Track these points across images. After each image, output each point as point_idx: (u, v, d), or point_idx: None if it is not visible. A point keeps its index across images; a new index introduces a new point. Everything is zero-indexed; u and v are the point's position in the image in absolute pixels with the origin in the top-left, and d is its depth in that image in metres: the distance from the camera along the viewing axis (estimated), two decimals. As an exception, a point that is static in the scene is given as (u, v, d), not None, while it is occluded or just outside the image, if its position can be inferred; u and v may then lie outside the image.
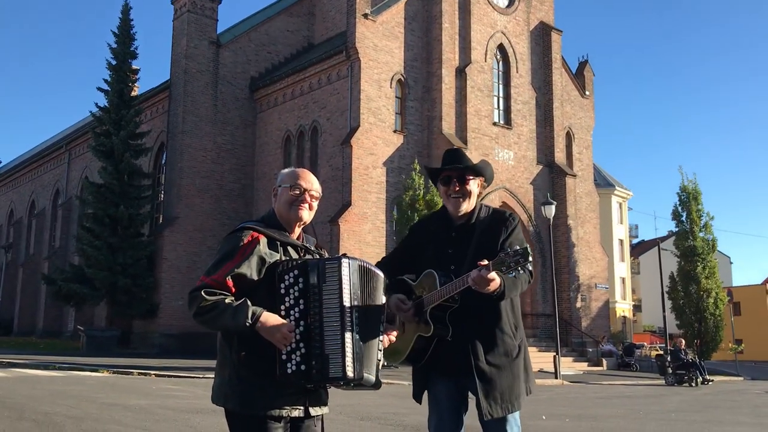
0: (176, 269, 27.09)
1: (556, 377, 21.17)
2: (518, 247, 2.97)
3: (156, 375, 16.82)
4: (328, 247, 25.38)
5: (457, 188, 3.45)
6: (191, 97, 28.29)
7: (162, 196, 29.95)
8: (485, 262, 2.99)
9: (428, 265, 3.43)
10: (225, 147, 28.94)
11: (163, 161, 30.24)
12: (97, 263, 26.00)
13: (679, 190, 31.76)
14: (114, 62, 28.45)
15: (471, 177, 3.48)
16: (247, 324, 2.68)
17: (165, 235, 27.37)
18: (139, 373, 17.02)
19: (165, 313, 26.53)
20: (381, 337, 2.99)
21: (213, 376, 2.96)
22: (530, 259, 2.96)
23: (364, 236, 24.39)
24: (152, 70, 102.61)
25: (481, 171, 3.51)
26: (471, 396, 3.35)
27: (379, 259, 3.75)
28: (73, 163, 38.00)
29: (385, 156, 25.49)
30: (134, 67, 29.42)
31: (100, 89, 28.52)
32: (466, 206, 3.46)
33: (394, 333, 3.18)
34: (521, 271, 3.00)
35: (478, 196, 3.54)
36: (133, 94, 29.76)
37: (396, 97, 26.32)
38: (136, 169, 27.96)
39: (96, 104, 28.73)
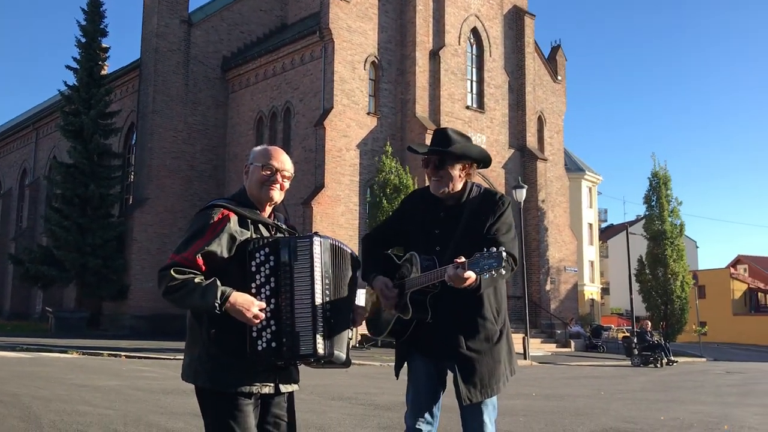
0: (146, 251, 26.86)
1: (525, 358, 21.49)
2: (494, 250, 2.91)
3: (126, 356, 16.75)
4: (301, 229, 25.64)
5: (434, 172, 3.39)
6: (162, 77, 27.90)
7: (132, 176, 29.60)
8: (462, 259, 2.95)
9: (415, 244, 3.40)
10: (196, 127, 28.64)
11: (134, 141, 29.85)
12: (66, 244, 25.67)
13: (651, 175, 32.26)
14: (83, 40, 27.92)
15: (451, 161, 3.37)
16: (216, 304, 2.66)
17: (135, 216, 27.09)
18: (109, 354, 16.93)
19: (135, 294, 26.33)
20: (352, 315, 3.01)
21: (183, 356, 2.96)
22: (504, 264, 2.90)
23: (337, 218, 24.41)
24: (123, 48, 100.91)
25: (461, 154, 3.39)
26: (450, 375, 3.35)
27: (369, 231, 3.73)
28: (41, 142, 37.33)
29: (358, 138, 25.47)
30: (104, 45, 28.90)
31: (69, 67, 28.01)
32: (445, 189, 3.37)
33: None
34: (495, 275, 2.94)
35: (468, 176, 3.44)
36: (103, 72, 29.26)
37: (370, 79, 26.25)
38: (106, 149, 27.57)
39: (65, 83, 28.28)
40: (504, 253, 2.92)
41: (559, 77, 33.72)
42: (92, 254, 25.62)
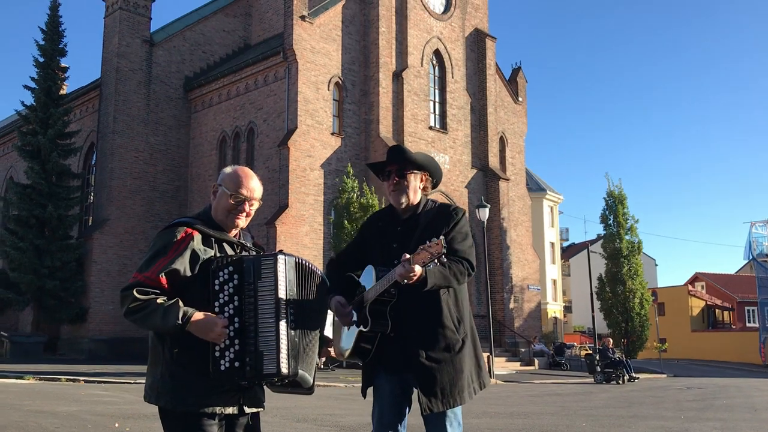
0: (106, 273, 26.37)
1: (490, 377, 21.58)
2: (435, 239, 2.97)
3: (85, 381, 16.36)
4: (264, 249, 25.49)
5: (396, 181, 3.47)
6: (123, 97, 27.61)
7: (92, 197, 29.10)
8: (407, 256, 3.01)
9: (376, 260, 3.44)
10: (158, 147, 28.35)
11: (93, 161, 29.40)
12: (21, 266, 25.06)
13: (606, 195, 32.84)
14: (42, 59, 27.50)
15: (410, 171, 3.48)
16: (178, 324, 2.63)
17: (95, 237, 26.61)
18: (67, 379, 16.51)
19: (94, 317, 25.79)
20: (319, 336, 2.99)
21: (144, 381, 2.90)
22: (444, 251, 2.95)
23: (302, 238, 24.32)
24: (83, 68, 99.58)
25: (421, 164, 3.51)
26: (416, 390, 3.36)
27: (332, 256, 3.78)
28: (-3, 162, 36.50)
29: (322, 158, 25.48)
30: (63, 65, 28.52)
31: (26, 87, 27.52)
32: (405, 199, 3.46)
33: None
34: (437, 263, 3.00)
35: (424, 190, 3.54)
36: (62, 92, 28.84)
37: (334, 99, 26.36)
38: (65, 170, 27.09)
39: (22, 102, 27.74)
40: (443, 241, 2.96)
41: (520, 98, 34.27)
42: (50, 276, 25.05)
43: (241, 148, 27.02)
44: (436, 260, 2.98)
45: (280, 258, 2.80)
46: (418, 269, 3.01)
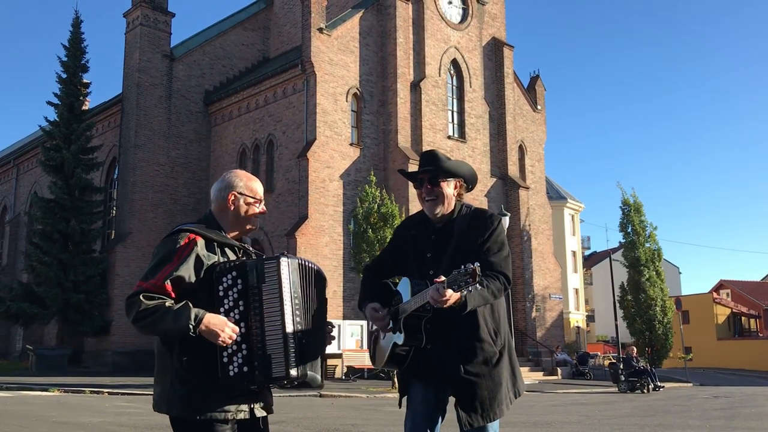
0: (129, 285, 26.55)
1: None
2: (470, 265, 2.87)
3: (109, 393, 16.47)
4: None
5: (429, 190, 3.37)
6: (144, 111, 27.95)
7: (114, 211, 29.43)
8: (441, 279, 2.93)
9: (409, 269, 3.38)
10: (179, 161, 28.63)
11: (116, 176, 29.75)
12: (47, 280, 25.37)
13: (621, 203, 32.55)
14: (64, 76, 27.96)
15: (444, 179, 3.37)
16: (191, 326, 2.64)
17: (117, 250, 26.88)
18: (91, 391, 16.65)
19: (118, 330, 26.00)
20: (325, 336, 2.97)
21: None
22: (478, 278, 2.87)
23: (321, 249, 24.37)
24: (104, 83, 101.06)
25: (454, 171, 3.40)
26: (451, 401, 3.30)
27: (367, 262, 3.74)
28: (22, 178, 37.08)
29: (341, 169, 25.57)
30: (85, 80, 28.94)
31: (50, 103, 27.99)
32: (440, 209, 3.36)
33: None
34: (470, 290, 2.91)
35: (459, 196, 3.44)
36: (85, 108, 29.27)
37: (352, 110, 26.48)
38: (88, 184, 27.44)
39: (45, 118, 28.21)
40: (478, 268, 2.87)
41: (539, 106, 34.17)
42: (74, 290, 25.33)
43: (261, 161, 27.21)
44: (470, 287, 2.89)
45: (283, 260, 2.81)
46: (452, 294, 2.93)
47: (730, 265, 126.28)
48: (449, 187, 3.38)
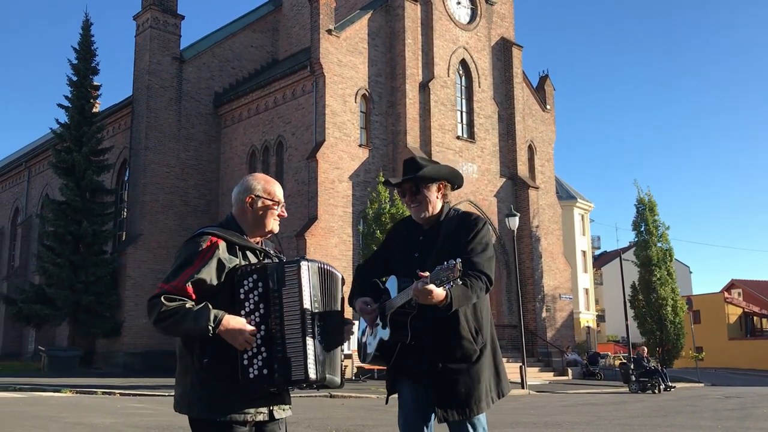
0: (140, 287, 26.75)
1: (523, 387, 21.36)
2: (452, 261, 2.95)
3: (121, 394, 16.56)
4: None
5: (413, 198, 3.50)
6: (154, 113, 28.09)
7: (125, 212, 29.59)
8: (426, 274, 3.01)
9: (398, 268, 3.49)
10: (189, 163, 28.76)
11: (126, 178, 29.92)
12: (58, 282, 25.55)
13: (636, 202, 32.46)
14: (75, 78, 28.14)
15: (425, 186, 3.48)
16: (210, 327, 2.67)
17: (128, 252, 27.03)
18: (103, 392, 16.74)
19: (129, 331, 26.15)
20: (344, 338, 3.03)
21: (175, 387, 2.94)
22: (459, 273, 2.95)
23: (331, 250, 24.41)
24: (114, 86, 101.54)
25: (434, 176, 3.50)
26: None
27: (360, 262, 3.83)
28: (33, 180, 37.33)
29: (350, 170, 25.61)
30: (96, 83, 29.12)
31: (60, 105, 28.17)
32: (425, 213, 3.49)
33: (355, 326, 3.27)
34: (452, 285, 3.00)
35: (444, 197, 3.54)
36: (95, 110, 29.44)
37: (361, 111, 26.51)
38: (99, 186, 27.61)
39: (56, 120, 28.38)
40: (460, 264, 2.94)
41: (548, 106, 34.10)
42: (85, 291, 25.49)
43: (271, 162, 27.29)
44: (451, 282, 2.98)
45: (303, 264, 2.85)
46: (437, 290, 3.01)
47: (741, 264, 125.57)
48: (431, 192, 3.50)
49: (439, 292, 3.02)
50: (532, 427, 10.99)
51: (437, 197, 3.52)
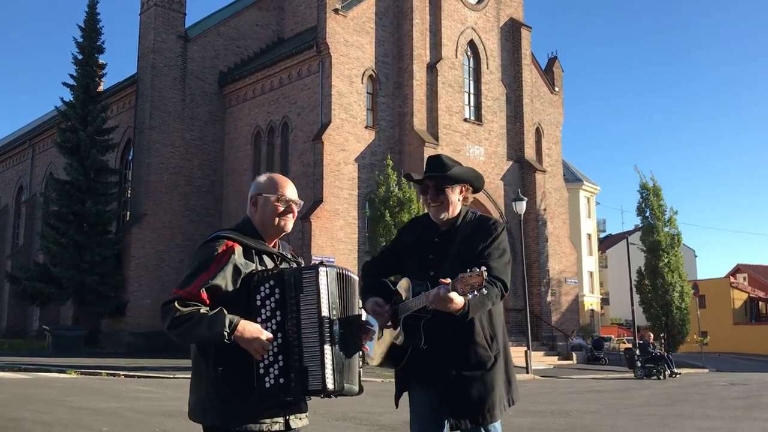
0: (144, 267, 26.72)
1: (528, 372, 21.34)
2: (477, 269, 2.87)
3: (125, 376, 16.55)
4: (299, 244, 25.05)
5: (435, 198, 3.39)
6: (159, 93, 27.86)
7: (129, 192, 29.48)
8: (447, 281, 2.91)
9: (410, 270, 3.40)
10: (193, 143, 28.57)
11: (130, 157, 29.77)
12: (62, 261, 25.50)
13: (640, 187, 32.16)
14: (80, 57, 27.87)
15: (449, 185, 3.39)
16: (225, 333, 2.59)
17: (133, 232, 26.95)
18: (107, 373, 16.73)
19: (133, 311, 26.16)
20: (361, 345, 2.94)
21: (183, 376, 2.87)
22: (485, 282, 2.86)
23: (336, 233, 24.30)
24: (119, 64, 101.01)
25: (460, 178, 3.42)
26: None
27: (369, 259, 3.72)
28: (37, 158, 37.21)
29: (356, 152, 25.41)
30: (101, 61, 28.86)
31: (65, 84, 27.92)
32: (445, 215, 3.39)
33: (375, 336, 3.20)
34: (476, 294, 2.90)
35: (465, 200, 3.46)
36: (100, 89, 29.20)
37: (367, 92, 26.24)
38: (103, 166, 27.46)
39: (61, 99, 28.15)
40: (485, 273, 2.87)
41: (557, 88, 33.76)
42: (89, 271, 25.45)
43: (276, 143, 27.09)
44: (476, 291, 2.88)
45: (322, 270, 2.73)
46: (456, 298, 2.92)
47: (747, 248, 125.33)
48: (454, 194, 3.41)
49: (458, 301, 2.93)
50: (539, 416, 10.92)
51: (458, 199, 3.43)
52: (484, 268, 2.87)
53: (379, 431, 8.61)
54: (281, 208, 2.91)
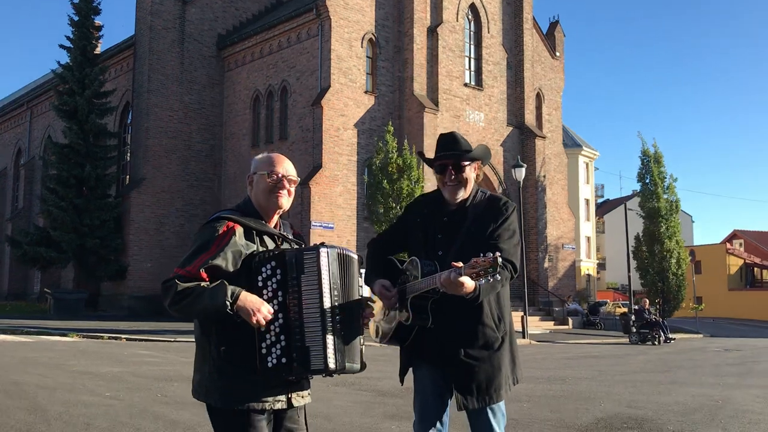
0: (144, 231, 26.81)
1: (524, 337, 21.56)
2: (490, 254, 2.85)
3: (126, 339, 16.74)
4: (298, 210, 25.03)
5: (453, 177, 3.35)
6: (157, 55, 27.59)
7: (129, 156, 29.41)
8: (459, 264, 2.90)
9: (418, 248, 3.39)
10: (192, 106, 28.41)
11: (129, 121, 29.62)
12: (63, 225, 25.57)
13: (641, 154, 32.10)
14: (76, 18, 27.56)
15: (467, 163, 3.36)
16: (228, 302, 2.62)
17: (132, 196, 26.96)
18: (109, 337, 16.92)
19: (134, 275, 26.32)
20: (362, 325, 2.96)
21: (184, 340, 2.93)
22: (499, 268, 2.84)
23: (335, 198, 24.32)
24: (116, 27, 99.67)
25: (478, 156, 3.40)
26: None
27: (375, 236, 3.71)
28: (35, 121, 37.03)
29: (356, 117, 25.29)
30: (97, 23, 28.54)
31: (62, 46, 27.66)
32: (463, 193, 3.37)
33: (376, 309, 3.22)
34: (490, 279, 2.89)
35: (476, 179, 3.44)
36: (97, 51, 28.91)
37: (367, 57, 26.01)
38: (102, 129, 27.35)
39: (58, 62, 27.91)
40: (500, 259, 2.85)
41: (558, 53, 33.46)
42: (90, 235, 25.55)
43: (275, 107, 26.94)
44: (490, 277, 2.86)
45: (323, 251, 2.77)
46: (468, 282, 2.91)
47: (744, 213, 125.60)
48: (471, 172, 3.38)
49: (470, 285, 2.93)
50: (535, 382, 11.08)
51: (474, 178, 3.41)
52: (498, 254, 2.86)
53: (377, 398, 8.75)
54: (273, 184, 2.90)
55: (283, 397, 2.81)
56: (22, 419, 6.61)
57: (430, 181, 21.05)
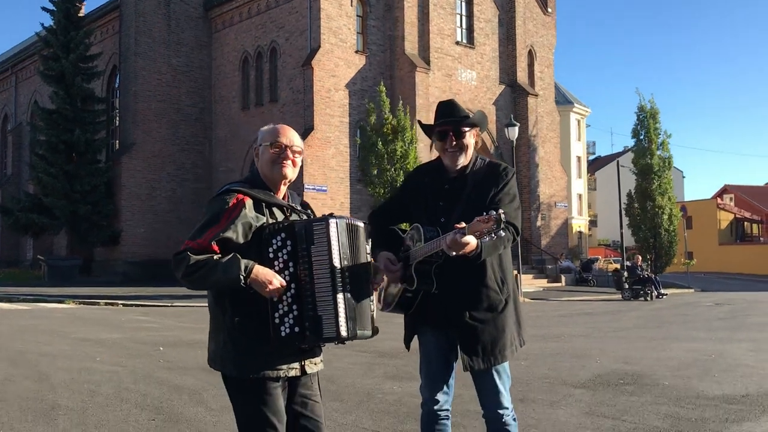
0: (136, 196, 26.69)
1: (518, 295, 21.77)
2: (493, 212, 2.89)
3: (123, 305, 16.80)
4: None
5: (454, 143, 3.38)
6: (143, 17, 27.10)
7: (117, 121, 29.10)
8: (462, 225, 2.95)
9: (419, 217, 3.42)
10: (180, 69, 28.03)
11: (117, 85, 29.23)
12: (54, 191, 25.41)
13: (638, 109, 32.00)
14: (59, -22, 26.95)
15: (467, 129, 3.40)
16: (242, 276, 2.66)
17: (122, 161, 26.77)
18: (106, 303, 16.97)
19: (127, 240, 26.29)
20: (372, 291, 3.01)
21: (181, 305, 2.96)
22: (502, 225, 2.88)
23: (328, 161, 24.23)
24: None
25: (477, 122, 3.44)
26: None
27: (375, 207, 3.72)
28: (21, 86, 36.49)
29: (347, 78, 25.04)
30: (80, -17, 27.92)
31: (45, 9, 27.11)
32: (464, 159, 3.41)
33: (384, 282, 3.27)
34: (494, 236, 2.93)
35: (475, 146, 3.48)
36: (81, 13, 28.35)
37: (357, 15, 25.64)
38: (89, 94, 27.00)
39: (42, 24, 27.39)
40: (503, 215, 2.89)
41: (549, 9, 33.08)
42: (81, 201, 25.42)
43: (264, 69, 26.62)
44: (493, 234, 2.90)
45: (332, 222, 2.81)
46: (472, 241, 2.96)
47: (735, 168, 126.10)
48: (470, 138, 3.43)
49: (473, 243, 2.98)
50: (530, 340, 11.14)
51: (473, 144, 3.45)
52: (501, 211, 2.90)
53: (378, 359, 8.85)
54: (277, 155, 2.92)
55: (296, 365, 2.87)
56: (30, 387, 6.67)
57: (422, 142, 20.96)
